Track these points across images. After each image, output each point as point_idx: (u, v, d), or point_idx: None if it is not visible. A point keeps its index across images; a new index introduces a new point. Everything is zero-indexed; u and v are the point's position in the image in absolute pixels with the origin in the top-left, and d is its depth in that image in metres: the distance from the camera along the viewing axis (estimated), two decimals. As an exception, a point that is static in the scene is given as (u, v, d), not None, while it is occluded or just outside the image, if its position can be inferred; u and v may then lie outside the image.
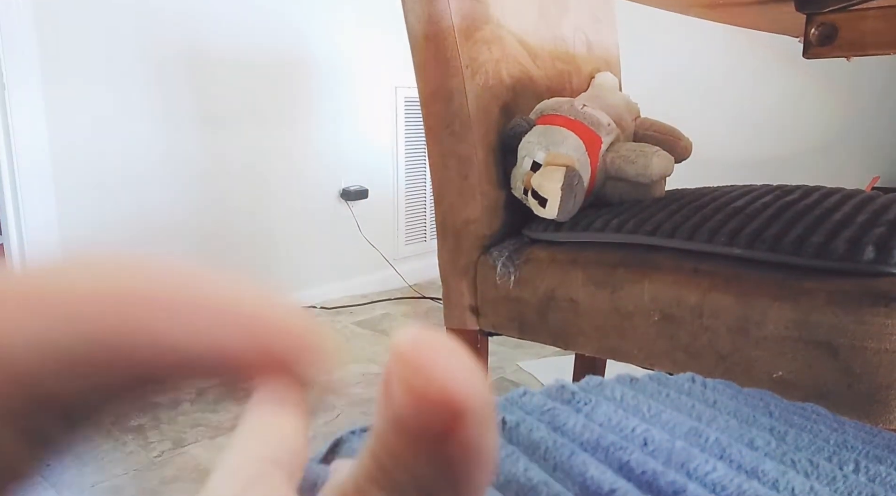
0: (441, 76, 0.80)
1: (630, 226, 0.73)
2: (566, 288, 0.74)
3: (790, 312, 0.60)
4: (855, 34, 0.70)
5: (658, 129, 0.92)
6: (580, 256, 0.74)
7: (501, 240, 0.84)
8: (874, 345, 0.56)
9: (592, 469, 0.28)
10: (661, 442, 0.30)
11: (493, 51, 0.83)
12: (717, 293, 0.64)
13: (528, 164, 0.79)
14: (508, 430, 0.32)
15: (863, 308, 0.56)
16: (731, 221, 0.68)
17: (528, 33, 0.90)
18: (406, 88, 2.53)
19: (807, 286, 0.60)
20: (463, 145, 0.81)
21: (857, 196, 0.74)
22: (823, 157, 2.33)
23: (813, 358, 0.59)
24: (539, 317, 0.77)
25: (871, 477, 0.28)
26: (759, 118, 2.44)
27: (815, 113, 2.34)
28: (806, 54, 0.73)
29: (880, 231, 0.61)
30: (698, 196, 0.79)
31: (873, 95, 2.22)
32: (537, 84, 0.92)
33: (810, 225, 0.65)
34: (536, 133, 0.80)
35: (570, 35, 1.00)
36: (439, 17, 0.78)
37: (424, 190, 2.70)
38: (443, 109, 0.81)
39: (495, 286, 0.80)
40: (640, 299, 0.69)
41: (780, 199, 0.73)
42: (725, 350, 0.64)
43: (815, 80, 2.30)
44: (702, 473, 0.27)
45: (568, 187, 0.75)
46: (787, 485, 0.27)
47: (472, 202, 0.82)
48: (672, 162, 0.82)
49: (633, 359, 0.71)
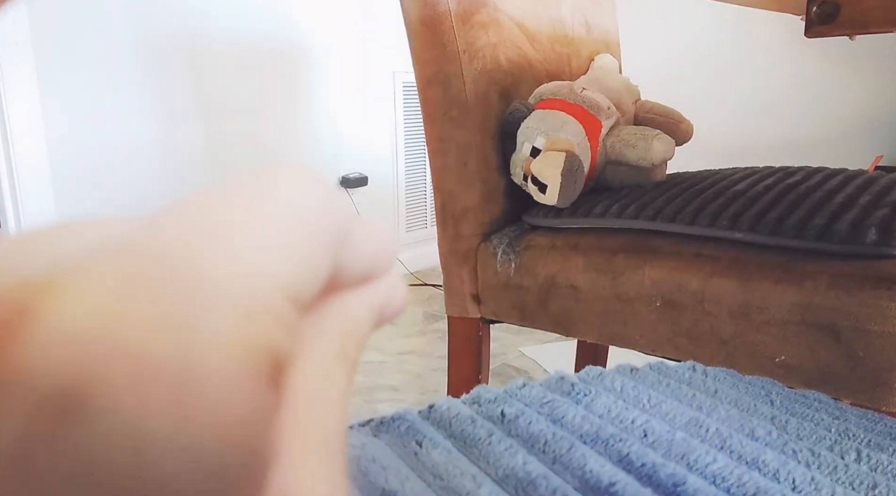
0: (438, 61, 0.79)
1: (631, 211, 0.72)
2: (567, 274, 0.74)
3: (792, 296, 0.59)
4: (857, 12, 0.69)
5: (659, 111, 0.91)
6: (581, 242, 0.74)
7: (501, 226, 0.83)
8: (877, 327, 0.56)
9: (592, 462, 0.28)
10: (661, 433, 0.29)
11: (491, 35, 0.82)
12: (719, 278, 0.63)
13: (528, 150, 0.78)
14: (508, 423, 0.32)
15: (865, 291, 0.56)
16: (732, 205, 0.67)
17: (526, 16, 0.89)
18: (404, 73, 2.51)
19: (809, 269, 0.59)
20: (461, 131, 0.80)
21: (859, 177, 0.73)
22: (826, 138, 2.32)
23: (815, 341, 0.59)
24: (540, 304, 0.77)
25: (873, 466, 0.28)
26: (761, 99, 2.42)
27: (817, 93, 2.32)
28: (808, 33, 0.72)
29: (883, 213, 0.61)
30: (699, 179, 0.78)
31: (876, 75, 2.19)
32: (536, 68, 0.91)
33: (812, 207, 0.64)
34: (536, 118, 0.79)
35: (568, 17, 0.98)
36: (435, 1, 0.77)
37: (425, 176, 2.69)
38: (440, 95, 0.80)
39: (496, 273, 0.80)
40: (641, 285, 0.68)
41: (782, 181, 0.72)
42: (727, 335, 0.64)
43: (818, 60, 2.28)
44: (702, 465, 0.27)
45: (568, 173, 0.74)
46: (788, 475, 0.27)
47: (472, 189, 0.81)
48: (673, 145, 0.81)
49: (634, 346, 0.71)
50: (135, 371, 0.08)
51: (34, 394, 0.07)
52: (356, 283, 0.15)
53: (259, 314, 0.10)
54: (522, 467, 0.28)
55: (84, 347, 0.08)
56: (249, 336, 0.09)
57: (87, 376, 0.08)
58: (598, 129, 0.80)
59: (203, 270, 0.09)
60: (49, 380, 0.08)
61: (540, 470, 0.28)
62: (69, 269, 0.09)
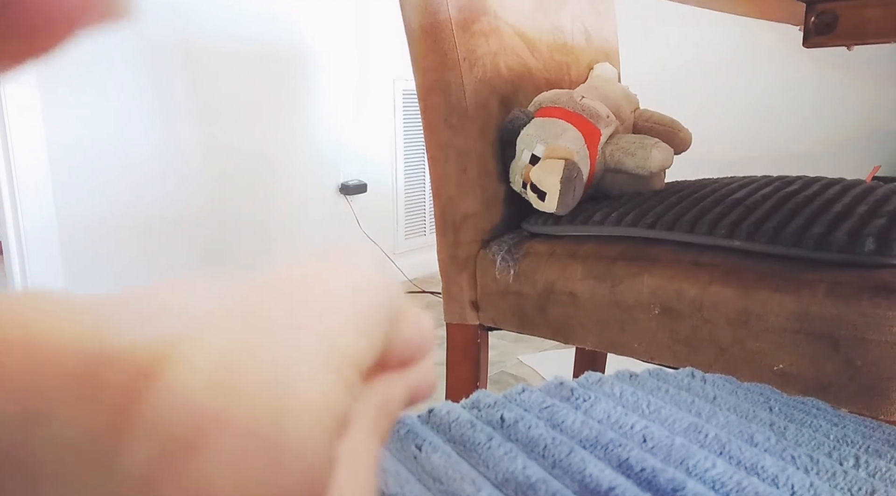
0: (438, 69, 0.79)
1: (629, 219, 0.73)
2: (566, 281, 0.74)
3: (791, 304, 0.60)
4: (855, 22, 0.69)
5: (657, 120, 0.91)
6: (580, 250, 0.74)
7: (501, 234, 0.84)
8: (875, 336, 0.56)
9: (591, 466, 0.28)
10: (660, 439, 0.29)
11: (491, 43, 0.82)
12: (718, 286, 0.64)
13: (527, 158, 0.79)
14: (507, 427, 0.32)
15: (863, 300, 0.56)
16: (730, 213, 0.68)
17: (526, 25, 0.89)
18: (404, 81, 2.52)
19: (807, 278, 0.59)
20: (461, 139, 0.80)
21: (857, 186, 0.73)
22: (824, 148, 2.33)
23: (814, 350, 0.59)
24: (539, 312, 0.77)
25: (871, 472, 0.28)
26: (759, 108, 2.43)
27: (815, 103, 2.33)
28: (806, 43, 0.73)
29: (881, 222, 0.61)
30: (698, 188, 0.79)
31: (873, 85, 2.21)
32: (536, 76, 0.91)
33: (810, 216, 0.64)
34: (535, 126, 0.79)
35: (568, 26, 0.99)
36: (436, 9, 0.77)
37: (424, 183, 2.69)
38: (441, 102, 0.80)
39: (495, 280, 0.80)
40: (639, 292, 0.68)
41: (780, 190, 0.73)
42: (726, 343, 0.64)
43: (816, 70, 2.29)
44: (701, 470, 0.27)
45: (567, 180, 0.75)
46: (787, 481, 0.27)
47: (471, 196, 0.81)
48: (671, 154, 0.81)
49: (633, 353, 0.71)
50: (238, 428, 0.10)
51: (165, 433, 0.10)
52: (397, 363, 0.16)
53: (339, 384, 0.12)
54: (522, 471, 0.28)
55: (198, 404, 0.10)
56: (331, 403, 0.11)
57: (203, 427, 0.10)
58: (597, 138, 0.81)
59: (295, 341, 0.11)
60: (173, 427, 0.10)
61: (539, 474, 0.28)
62: (183, 337, 0.11)
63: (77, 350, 0.10)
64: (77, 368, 0.10)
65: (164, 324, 0.11)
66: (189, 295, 0.12)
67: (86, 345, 0.10)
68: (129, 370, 0.10)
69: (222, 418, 0.10)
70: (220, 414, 0.10)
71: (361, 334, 0.13)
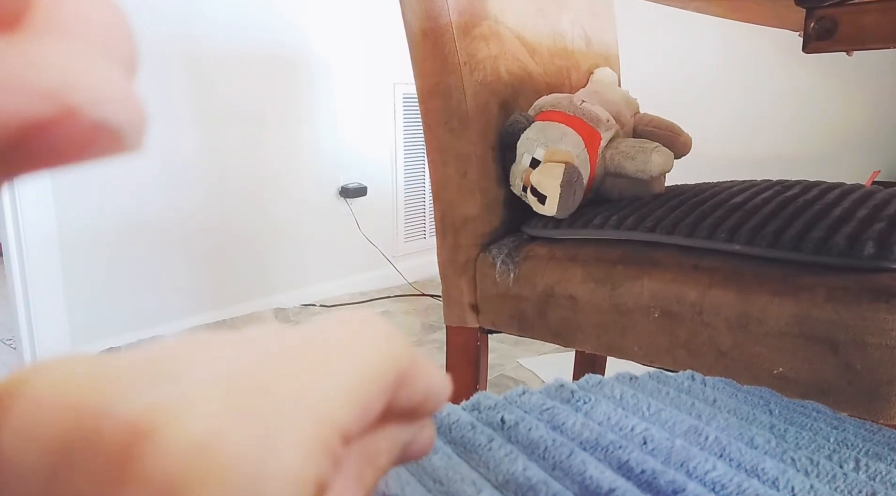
0: (439, 73, 0.79)
1: (629, 222, 0.73)
2: (565, 285, 0.74)
3: (790, 308, 0.60)
4: (855, 28, 0.69)
5: (657, 124, 0.91)
6: (579, 253, 0.74)
7: (501, 237, 0.84)
8: (875, 340, 0.56)
9: (592, 468, 0.28)
10: (660, 441, 0.29)
11: (492, 47, 0.83)
12: (718, 289, 0.64)
13: (528, 161, 0.79)
14: (507, 429, 0.32)
15: (863, 304, 0.56)
16: (730, 217, 0.68)
17: (527, 29, 0.90)
18: (404, 85, 2.53)
19: (807, 282, 0.60)
20: (462, 142, 0.80)
21: (857, 191, 0.73)
22: (823, 152, 2.33)
23: (813, 354, 0.59)
24: (538, 315, 0.77)
25: (872, 475, 0.28)
26: (759, 113, 2.44)
27: (814, 107, 2.33)
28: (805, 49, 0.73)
29: (880, 226, 0.61)
30: (698, 192, 0.79)
31: (873, 90, 2.21)
32: (536, 80, 0.91)
33: (810, 220, 0.64)
34: (535, 129, 0.80)
35: (568, 30, 0.99)
36: (437, 14, 0.77)
37: (424, 187, 2.70)
38: (441, 106, 0.80)
39: (495, 283, 0.80)
40: (639, 296, 0.69)
41: (779, 194, 0.73)
42: (726, 346, 0.64)
43: (816, 75, 2.30)
44: (701, 472, 0.27)
45: (567, 184, 0.75)
46: (787, 483, 0.27)
47: (471, 199, 0.82)
48: (671, 158, 0.82)
49: (632, 357, 0.71)
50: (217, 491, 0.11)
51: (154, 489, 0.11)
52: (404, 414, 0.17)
53: (319, 452, 0.13)
54: (522, 473, 0.28)
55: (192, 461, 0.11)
56: (311, 469, 0.12)
57: (188, 487, 0.11)
58: (597, 141, 0.81)
59: (283, 411, 0.12)
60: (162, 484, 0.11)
61: (540, 476, 0.28)
62: (180, 402, 0.12)
63: (92, 412, 0.12)
64: (89, 427, 0.11)
65: (164, 391, 0.12)
66: (192, 359, 0.14)
67: (99, 408, 0.12)
68: (129, 430, 0.11)
69: (205, 480, 0.11)
70: (203, 476, 0.11)
71: (359, 407, 0.14)
